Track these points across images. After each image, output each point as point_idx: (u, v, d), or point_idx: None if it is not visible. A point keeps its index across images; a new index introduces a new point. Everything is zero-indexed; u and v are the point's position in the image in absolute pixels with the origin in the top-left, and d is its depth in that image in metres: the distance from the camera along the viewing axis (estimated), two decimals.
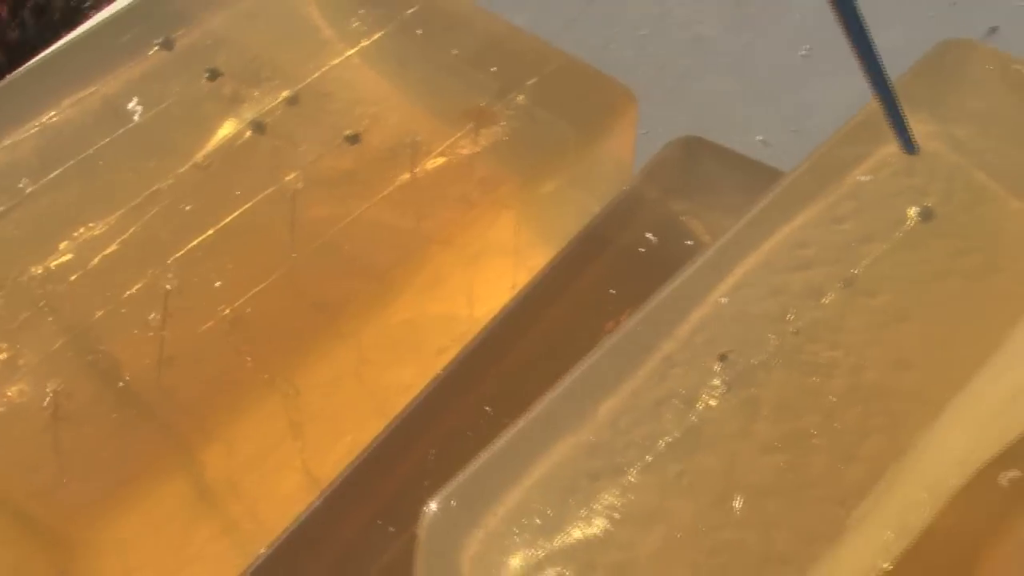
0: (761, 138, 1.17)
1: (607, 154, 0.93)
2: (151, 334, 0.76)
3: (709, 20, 1.31)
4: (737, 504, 0.64)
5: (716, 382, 0.67)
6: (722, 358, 0.68)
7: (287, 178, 0.83)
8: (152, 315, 0.76)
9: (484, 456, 0.63)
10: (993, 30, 1.30)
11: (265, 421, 0.78)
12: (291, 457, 0.80)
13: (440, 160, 0.86)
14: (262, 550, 0.72)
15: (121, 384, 0.74)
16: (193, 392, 0.76)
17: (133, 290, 0.77)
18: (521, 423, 0.65)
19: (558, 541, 0.60)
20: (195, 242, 0.79)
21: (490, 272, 0.90)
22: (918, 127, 0.80)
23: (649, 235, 0.86)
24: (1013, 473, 0.73)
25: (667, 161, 0.91)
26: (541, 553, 0.59)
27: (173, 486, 0.75)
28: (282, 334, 0.79)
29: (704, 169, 0.91)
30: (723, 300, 0.71)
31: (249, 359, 0.77)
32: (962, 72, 0.81)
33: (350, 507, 0.73)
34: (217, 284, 0.78)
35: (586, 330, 0.82)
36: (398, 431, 0.75)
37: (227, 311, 0.77)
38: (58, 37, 1.06)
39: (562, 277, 0.85)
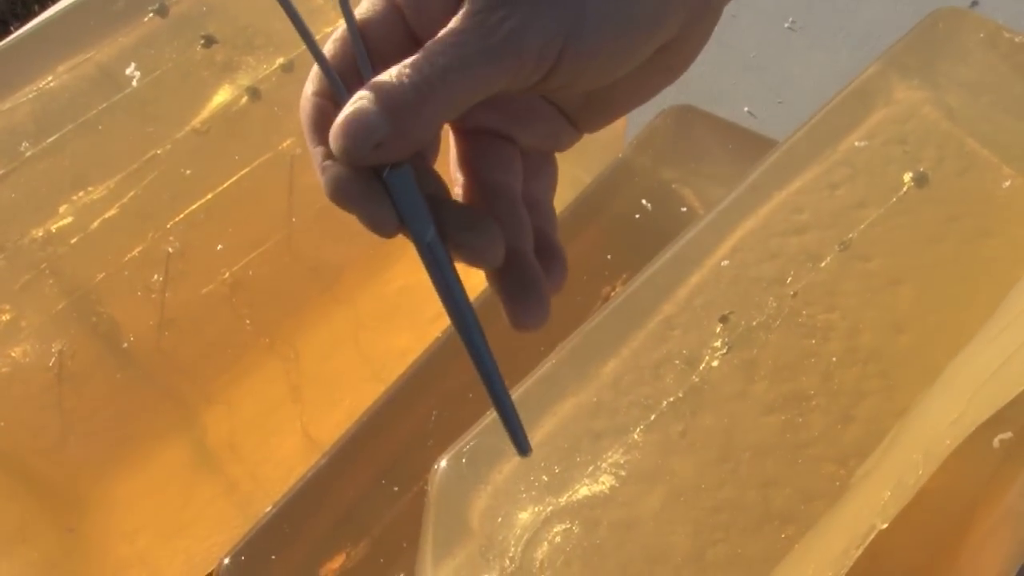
0: (748, 109, 1.18)
1: None
2: (152, 296, 0.76)
3: None
4: (738, 463, 0.65)
5: (717, 343, 0.68)
6: (723, 319, 0.69)
7: (284, 144, 0.84)
8: (153, 278, 0.77)
9: (491, 416, 0.63)
10: (974, 3, 1.32)
11: (265, 384, 0.79)
12: (291, 420, 0.80)
13: None
14: (268, 508, 0.72)
15: (123, 346, 0.74)
16: (193, 354, 0.77)
17: (134, 253, 0.77)
18: (527, 383, 0.66)
19: (564, 498, 0.61)
20: (194, 206, 0.80)
21: None
22: (911, 94, 0.81)
23: (644, 202, 0.87)
24: (1005, 435, 0.75)
25: (658, 130, 0.91)
26: (548, 509, 0.60)
27: (174, 447, 0.76)
28: (281, 298, 0.80)
29: (695, 138, 0.92)
30: (723, 263, 0.72)
31: (248, 322, 0.78)
32: (953, 40, 0.82)
33: (353, 467, 0.73)
34: (217, 248, 0.78)
35: (583, 294, 0.83)
36: (400, 393, 0.76)
37: (227, 275, 0.78)
38: (31, 10, 1.06)
39: (561, 242, 0.86)
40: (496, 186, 0.49)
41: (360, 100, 0.43)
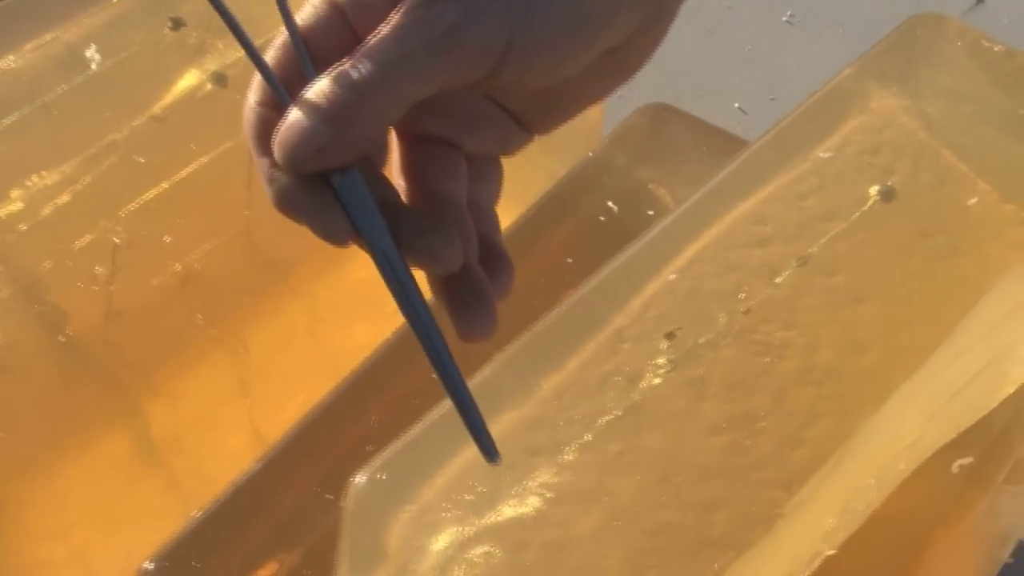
0: (738, 105, 1.16)
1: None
2: (97, 288, 0.74)
3: None
4: (678, 485, 0.63)
5: (661, 360, 0.66)
6: (669, 336, 0.67)
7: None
8: (100, 269, 0.75)
9: (418, 428, 0.62)
10: (980, 1, 1.29)
11: (213, 378, 0.77)
12: (239, 415, 0.79)
13: None
14: (196, 513, 0.71)
15: (66, 337, 0.73)
16: (140, 347, 0.75)
17: (83, 242, 0.76)
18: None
19: (491, 518, 0.60)
20: (148, 195, 0.78)
21: None
22: (888, 102, 0.79)
23: (611, 203, 0.85)
24: (965, 460, 0.73)
25: (634, 128, 0.89)
26: (471, 530, 0.59)
27: (116, 441, 0.74)
28: (234, 291, 0.78)
29: (671, 137, 0.89)
30: (674, 276, 0.70)
31: (199, 315, 0.76)
32: (933, 47, 0.80)
33: (289, 472, 0.72)
34: (168, 239, 0.77)
35: (544, 297, 0.81)
36: (345, 395, 0.74)
37: (178, 267, 0.76)
38: None
39: (522, 243, 0.84)
40: (441, 194, 0.47)
41: (299, 106, 0.41)
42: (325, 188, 0.43)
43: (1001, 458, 0.75)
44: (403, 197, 0.48)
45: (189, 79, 0.84)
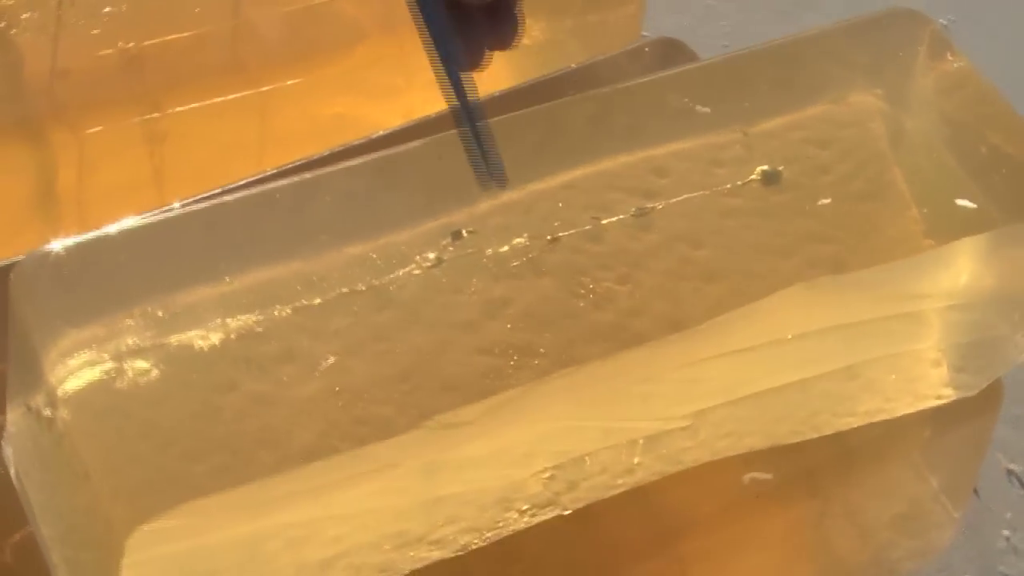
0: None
1: None
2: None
3: None
4: (414, 387, 0.61)
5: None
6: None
7: None
8: None
9: None
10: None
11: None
12: None
13: None
14: None
15: None
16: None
17: None
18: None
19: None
20: None
21: None
22: (867, 100, 0.74)
23: None
24: (756, 474, 0.69)
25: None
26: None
27: None
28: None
29: None
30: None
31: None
32: (910, 50, 0.74)
33: None
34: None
35: None
36: None
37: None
38: None
39: None
40: None
41: None
42: None
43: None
44: None
45: None
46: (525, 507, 0.66)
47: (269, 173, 0.74)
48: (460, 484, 0.64)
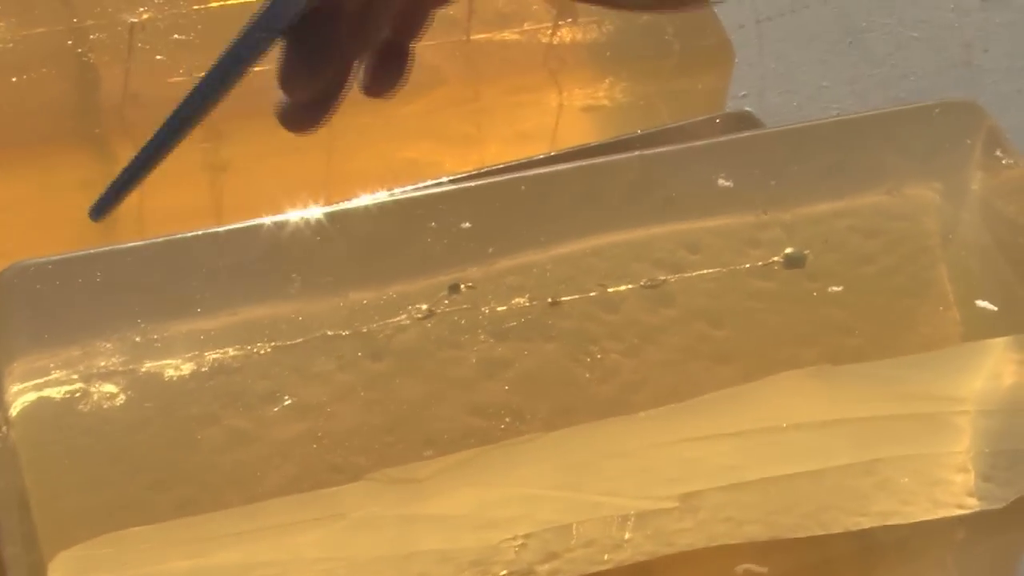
0: None
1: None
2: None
3: None
4: (398, 439, 0.61)
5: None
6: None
7: None
8: None
9: None
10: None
11: None
12: None
13: None
14: None
15: None
16: None
17: None
18: None
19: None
20: None
21: None
22: (924, 194, 0.71)
23: None
24: (748, 565, 0.66)
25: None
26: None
27: None
28: None
29: None
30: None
31: None
32: (964, 143, 0.70)
33: None
34: None
35: None
36: None
37: None
38: None
39: None
40: None
41: None
42: None
43: None
44: None
45: None
46: (502, 574, 0.65)
47: None
48: (435, 542, 0.63)
